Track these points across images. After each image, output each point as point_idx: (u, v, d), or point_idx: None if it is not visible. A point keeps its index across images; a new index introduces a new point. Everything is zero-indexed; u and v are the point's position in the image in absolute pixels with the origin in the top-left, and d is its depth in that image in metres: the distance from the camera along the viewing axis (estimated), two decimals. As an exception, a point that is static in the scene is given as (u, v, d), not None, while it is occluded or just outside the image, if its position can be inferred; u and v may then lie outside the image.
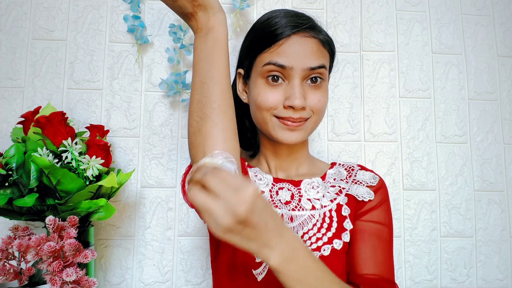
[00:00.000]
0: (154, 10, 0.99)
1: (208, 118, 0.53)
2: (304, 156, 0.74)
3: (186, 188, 0.58)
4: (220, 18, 0.55)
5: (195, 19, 0.56)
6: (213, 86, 0.54)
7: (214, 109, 0.53)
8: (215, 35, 0.55)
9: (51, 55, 0.96)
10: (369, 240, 0.65)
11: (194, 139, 0.54)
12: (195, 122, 0.54)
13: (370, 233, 0.65)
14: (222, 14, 0.56)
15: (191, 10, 0.55)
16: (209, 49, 0.55)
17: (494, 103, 1.04)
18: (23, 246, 0.67)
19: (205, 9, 0.54)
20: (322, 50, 0.66)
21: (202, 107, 0.53)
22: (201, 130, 0.53)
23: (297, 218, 0.65)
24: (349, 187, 0.69)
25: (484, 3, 1.06)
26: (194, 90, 0.55)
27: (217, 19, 0.55)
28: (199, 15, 0.55)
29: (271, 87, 0.64)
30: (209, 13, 0.55)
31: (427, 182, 1.00)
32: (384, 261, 0.64)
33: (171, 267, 0.94)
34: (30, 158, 0.72)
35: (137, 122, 0.97)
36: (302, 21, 0.65)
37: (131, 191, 0.95)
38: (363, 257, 0.63)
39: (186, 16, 0.56)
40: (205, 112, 0.53)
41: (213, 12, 0.55)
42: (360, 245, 0.64)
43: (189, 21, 0.57)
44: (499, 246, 1.00)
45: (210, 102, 0.53)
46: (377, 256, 0.63)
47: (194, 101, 0.55)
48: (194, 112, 0.54)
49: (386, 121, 1.02)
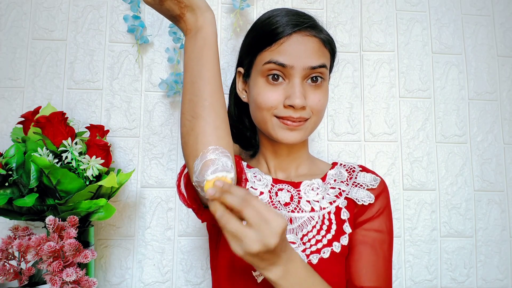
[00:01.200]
0: (154, 10, 0.99)
1: (200, 116, 0.53)
2: (304, 156, 0.74)
3: (182, 189, 0.58)
4: (208, 17, 0.56)
5: (183, 21, 0.56)
6: (203, 85, 0.54)
7: (205, 108, 0.53)
8: (204, 35, 0.55)
9: (51, 55, 0.96)
10: (371, 251, 0.64)
11: (187, 139, 0.54)
12: (188, 122, 0.54)
13: (372, 243, 0.65)
14: (210, 14, 0.56)
15: (179, 12, 0.55)
16: (198, 48, 0.55)
17: (494, 103, 1.04)
18: (23, 246, 0.67)
19: (192, 10, 0.55)
20: (323, 50, 0.65)
21: (194, 106, 0.54)
22: (193, 129, 0.53)
23: (296, 220, 0.65)
24: (349, 190, 0.68)
25: (484, 3, 1.06)
26: (185, 90, 0.55)
27: (205, 19, 0.55)
28: (187, 16, 0.55)
29: (271, 86, 0.64)
30: (197, 14, 0.55)
31: (427, 182, 1.00)
32: (384, 272, 0.64)
33: (171, 267, 0.94)
34: (30, 158, 0.72)
35: (137, 122, 0.97)
36: (304, 20, 0.64)
37: (131, 191, 0.95)
38: (362, 269, 0.63)
39: (175, 18, 0.57)
40: (196, 111, 0.53)
41: (200, 12, 0.55)
42: (361, 255, 0.64)
43: (178, 23, 0.57)
44: (499, 246, 1.00)
45: (201, 101, 0.54)
46: (378, 268, 0.63)
47: (186, 101, 0.55)
48: (186, 112, 0.55)
49: (386, 121, 1.02)
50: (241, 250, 0.45)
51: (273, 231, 0.43)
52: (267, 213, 0.44)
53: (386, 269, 0.64)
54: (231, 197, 0.45)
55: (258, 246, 0.43)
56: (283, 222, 0.44)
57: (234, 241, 0.45)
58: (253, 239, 0.43)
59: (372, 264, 0.63)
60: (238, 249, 0.45)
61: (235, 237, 0.45)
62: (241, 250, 0.45)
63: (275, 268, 0.48)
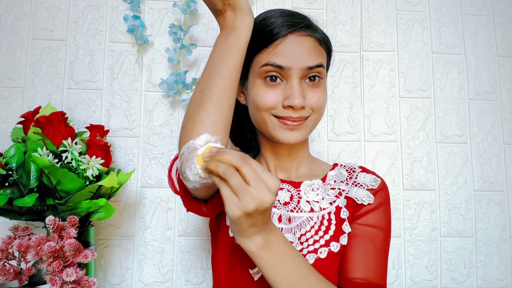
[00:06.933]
0: (154, 10, 1.00)
1: (204, 107, 0.55)
2: (304, 156, 0.74)
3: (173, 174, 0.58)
4: (247, 20, 0.57)
5: (223, 17, 0.58)
6: (218, 80, 0.56)
7: (212, 101, 0.55)
8: (237, 36, 0.57)
9: (51, 55, 0.96)
10: (362, 244, 0.64)
11: (186, 124, 0.56)
12: (192, 109, 0.56)
13: (364, 236, 0.64)
14: (250, 18, 0.58)
15: (221, 8, 0.57)
16: (226, 46, 0.57)
17: (494, 103, 1.04)
18: (23, 246, 0.67)
19: (234, 9, 0.57)
20: (319, 49, 0.65)
21: (202, 97, 0.55)
22: (194, 117, 0.55)
23: (295, 219, 0.65)
24: (349, 189, 0.68)
25: (484, 3, 1.06)
26: (201, 80, 0.57)
27: (243, 21, 0.57)
28: (227, 14, 0.57)
29: (270, 87, 0.64)
30: (237, 14, 0.57)
31: (427, 182, 1.00)
32: (375, 266, 0.63)
33: (171, 267, 0.94)
34: (30, 158, 0.72)
35: (137, 122, 0.97)
36: (298, 20, 0.64)
37: (131, 191, 0.95)
38: (353, 261, 0.63)
39: (216, 12, 0.59)
40: (203, 102, 0.55)
41: (241, 13, 0.57)
42: (352, 248, 0.64)
43: (217, 17, 0.60)
44: (499, 246, 1.00)
45: (210, 94, 0.55)
46: (368, 260, 0.63)
47: (198, 90, 0.57)
48: (193, 100, 0.57)
49: (386, 121, 1.02)
50: (238, 208, 0.45)
51: (270, 189, 0.45)
52: (263, 173, 0.45)
53: (378, 263, 0.64)
54: (230, 155, 0.45)
55: (256, 202, 0.44)
56: (278, 182, 0.46)
57: (232, 200, 0.45)
58: (251, 196, 0.44)
59: (363, 257, 0.63)
60: (235, 208, 0.45)
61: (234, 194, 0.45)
62: (238, 209, 0.45)
63: (258, 237, 0.49)
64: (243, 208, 0.44)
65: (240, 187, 0.44)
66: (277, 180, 0.46)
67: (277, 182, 0.45)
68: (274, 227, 0.52)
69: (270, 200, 0.44)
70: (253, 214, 0.45)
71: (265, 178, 0.45)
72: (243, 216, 0.45)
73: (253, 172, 0.44)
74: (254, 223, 0.47)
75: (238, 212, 0.45)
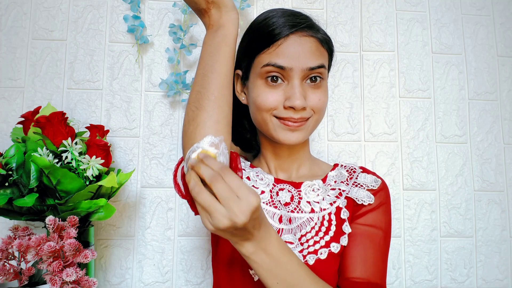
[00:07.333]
0: (154, 10, 0.99)
1: (203, 109, 0.54)
2: (305, 156, 0.74)
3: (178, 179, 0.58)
4: (232, 17, 0.57)
5: (208, 16, 0.57)
6: (213, 79, 0.55)
7: (210, 101, 0.54)
8: (224, 32, 0.56)
9: (51, 55, 0.96)
10: (361, 243, 0.64)
11: (187, 128, 0.55)
12: (191, 112, 0.55)
13: (363, 236, 0.64)
14: (235, 14, 0.57)
15: (205, 7, 0.57)
16: (216, 44, 0.56)
17: (494, 103, 1.04)
18: (23, 246, 0.67)
19: (218, 7, 0.56)
20: (321, 49, 0.65)
21: (200, 98, 0.55)
22: (195, 119, 0.54)
23: (295, 220, 0.65)
24: (349, 190, 0.68)
25: (484, 3, 1.06)
26: (196, 81, 0.57)
27: (229, 18, 0.56)
28: (212, 12, 0.57)
29: (271, 87, 0.63)
30: (222, 11, 0.56)
31: (427, 182, 1.00)
32: (374, 265, 0.63)
33: (171, 267, 0.94)
34: (30, 158, 0.72)
35: (137, 122, 0.97)
36: (300, 20, 0.64)
37: (131, 191, 0.95)
38: (352, 261, 0.63)
39: (200, 12, 0.58)
40: (201, 103, 0.54)
41: (225, 10, 0.56)
42: (352, 248, 0.64)
43: (202, 17, 0.59)
44: (499, 246, 1.00)
45: (207, 94, 0.54)
46: (367, 260, 0.63)
47: (194, 92, 0.56)
48: (191, 102, 0.56)
49: (386, 121, 1.02)
50: (210, 224, 0.45)
51: (242, 209, 0.43)
52: (239, 190, 0.43)
53: (377, 263, 0.64)
54: (205, 168, 0.45)
55: (226, 222, 0.43)
56: (255, 201, 0.44)
57: (204, 215, 0.45)
58: (221, 215, 0.43)
59: (362, 256, 0.63)
60: (207, 223, 0.45)
61: (205, 210, 0.44)
62: (210, 225, 0.45)
63: (248, 244, 0.49)
64: (215, 225, 0.44)
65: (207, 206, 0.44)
66: (255, 197, 0.44)
67: (254, 201, 0.44)
68: (267, 233, 0.51)
69: (240, 222, 0.43)
70: (227, 230, 0.45)
71: (242, 195, 0.43)
72: (218, 231, 0.45)
73: (225, 190, 0.43)
74: (234, 235, 0.47)
75: (211, 228, 0.45)
